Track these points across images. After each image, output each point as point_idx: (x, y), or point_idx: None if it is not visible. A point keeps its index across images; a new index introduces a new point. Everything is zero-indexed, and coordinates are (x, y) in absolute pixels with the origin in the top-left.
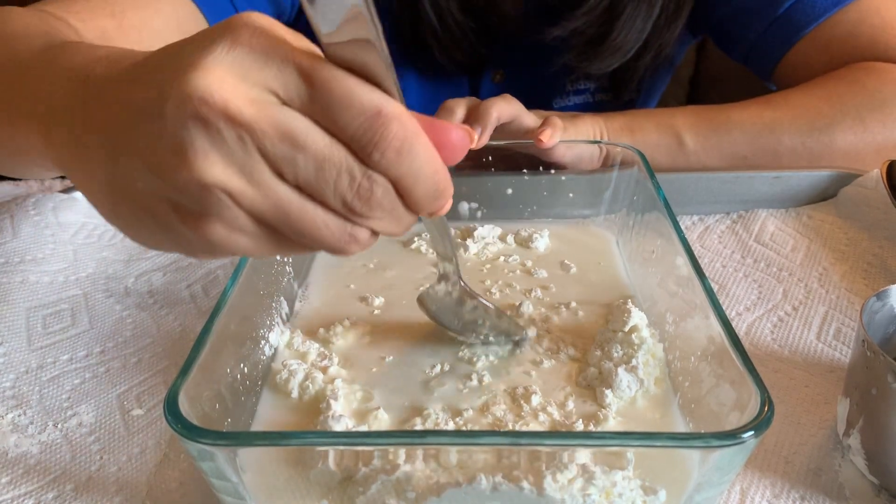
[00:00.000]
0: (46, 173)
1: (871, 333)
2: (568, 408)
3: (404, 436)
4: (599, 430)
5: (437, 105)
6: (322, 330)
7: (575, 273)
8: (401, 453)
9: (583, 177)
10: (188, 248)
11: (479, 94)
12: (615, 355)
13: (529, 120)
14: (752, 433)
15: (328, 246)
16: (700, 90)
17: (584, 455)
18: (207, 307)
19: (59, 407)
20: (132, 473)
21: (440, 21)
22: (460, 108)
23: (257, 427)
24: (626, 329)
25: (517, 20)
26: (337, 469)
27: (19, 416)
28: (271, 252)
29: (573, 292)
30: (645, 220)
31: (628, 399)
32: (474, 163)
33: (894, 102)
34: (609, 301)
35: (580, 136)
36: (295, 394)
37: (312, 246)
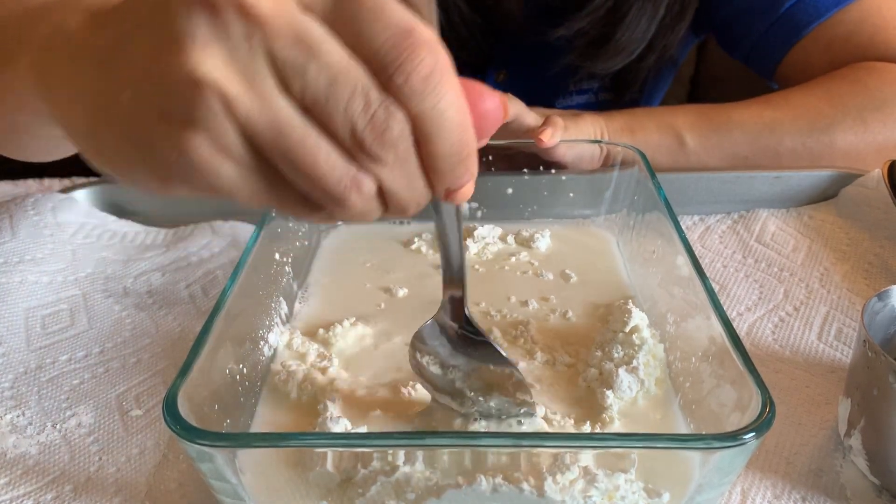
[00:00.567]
0: (38, 129)
1: (873, 334)
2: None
3: (403, 437)
4: (600, 432)
5: None
6: (322, 331)
7: (575, 273)
8: (400, 455)
9: (583, 177)
10: (164, 172)
11: None
12: (616, 356)
13: (530, 119)
14: (754, 434)
15: (325, 187)
16: (701, 90)
17: (587, 457)
18: (206, 307)
19: (58, 407)
20: (131, 474)
21: (447, 18)
22: None
23: (256, 428)
24: (627, 330)
25: (520, 19)
26: (336, 471)
27: (18, 417)
28: (255, 194)
29: (573, 293)
30: (645, 221)
31: (629, 400)
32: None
33: (895, 102)
34: (609, 301)
35: (581, 136)
36: (294, 394)
37: (307, 187)
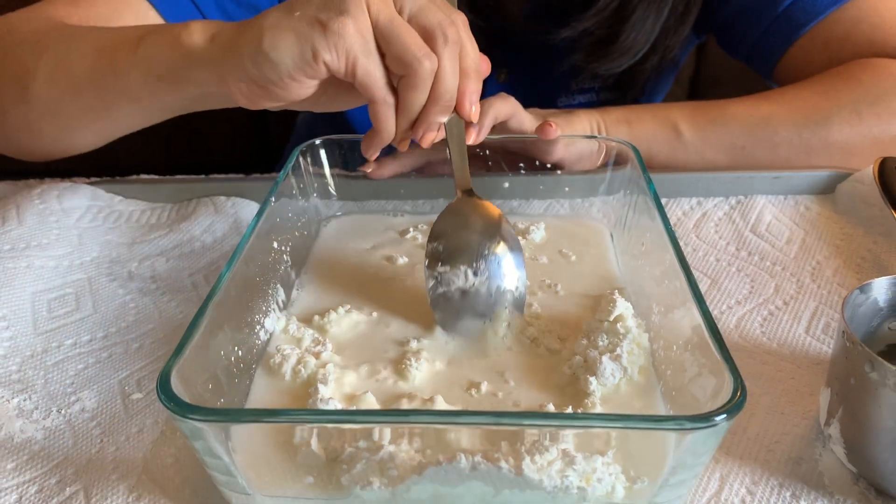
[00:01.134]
0: (155, 92)
1: (855, 326)
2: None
3: (388, 414)
4: (577, 412)
5: None
6: (317, 317)
7: (568, 264)
8: (385, 433)
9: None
10: (319, 48)
11: (484, 93)
12: (601, 344)
13: (527, 119)
14: (725, 416)
15: (410, 52)
16: (700, 90)
17: (566, 439)
18: None
19: (63, 392)
20: (129, 451)
21: None
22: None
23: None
24: (612, 318)
25: (521, 20)
26: (322, 452)
27: (24, 401)
28: (368, 66)
29: (565, 283)
30: (637, 214)
31: (612, 387)
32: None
33: (890, 96)
34: (599, 293)
35: (577, 131)
36: (288, 377)
37: (399, 54)
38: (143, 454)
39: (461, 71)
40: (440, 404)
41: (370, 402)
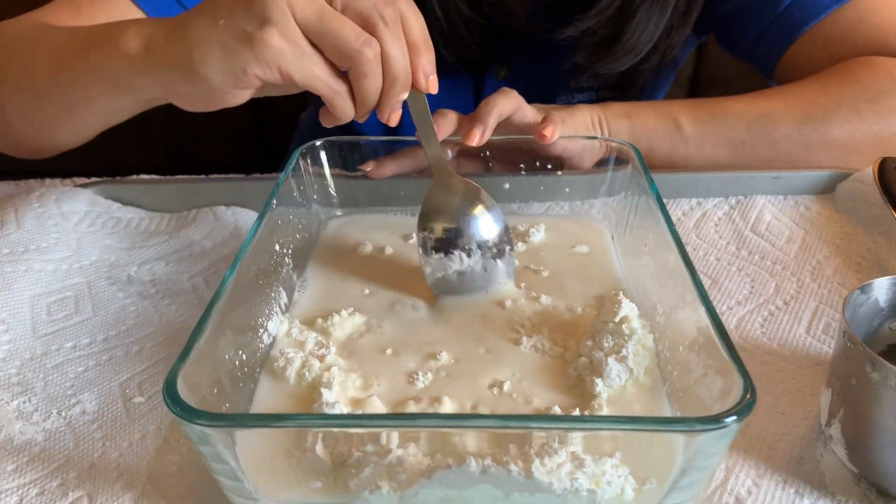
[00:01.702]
0: (111, 98)
1: (856, 327)
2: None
3: (396, 418)
4: (586, 415)
5: (438, 101)
6: (320, 320)
7: (569, 265)
8: (393, 437)
9: (579, 171)
10: (246, 64)
11: (483, 91)
12: (606, 345)
13: (529, 114)
14: (735, 418)
15: (348, 44)
16: (700, 90)
17: (575, 442)
18: (209, 298)
19: (63, 394)
20: (133, 459)
21: (446, 17)
22: (453, 113)
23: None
24: (617, 320)
25: (522, 18)
26: (327, 457)
27: (24, 403)
28: (306, 70)
29: (567, 285)
30: (639, 214)
31: (618, 388)
32: (475, 162)
33: (889, 94)
34: (602, 293)
35: (578, 127)
36: (292, 380)
37: (336, 50)
38: (147, 462)
39: (409, 46)
40: (447, 406)
41: (376, 405)
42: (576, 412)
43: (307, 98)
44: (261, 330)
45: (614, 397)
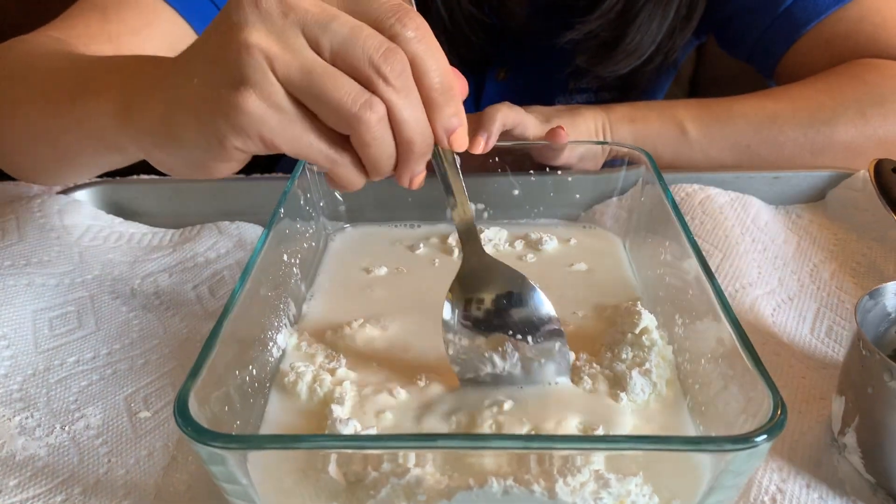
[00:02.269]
0: (102, 154)
1: (864, 332)
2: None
3: (415, 439)
4: (612, 435)
5: None
6: (329, 332)
7: (582, 275)
8: (411, 457)
9: (589, 177)
10: (225, 132)
11: (483, 92)
12: (625, 357)
13: (531, 129)
14: (766, 437)
15: (346, 108)
16: (700, 91)
17: (598, 461)
18: (214, 308)
19: (67, 409)
20: (140, 476)
21: (450, 17)
22: None
23: (266, 429)
24: (637, 331)
25: (524, 19)
26: (341, 477)
27: (27, 419)
28: (294, 139)
29: (580, 294)
30: (653, 222)
31: (642, 402)
32: (480, 164)
33: (894, 98)
34: (616, 303)
35: (581, 130)
36: (304, 396)
37: (332, 115)
38: (155, 480)
39: (424, 101)
40: (464, 419)
41: (390, 420)
42: (600, 430)
43: None
44: (270, 343)
45: (637, 411)
